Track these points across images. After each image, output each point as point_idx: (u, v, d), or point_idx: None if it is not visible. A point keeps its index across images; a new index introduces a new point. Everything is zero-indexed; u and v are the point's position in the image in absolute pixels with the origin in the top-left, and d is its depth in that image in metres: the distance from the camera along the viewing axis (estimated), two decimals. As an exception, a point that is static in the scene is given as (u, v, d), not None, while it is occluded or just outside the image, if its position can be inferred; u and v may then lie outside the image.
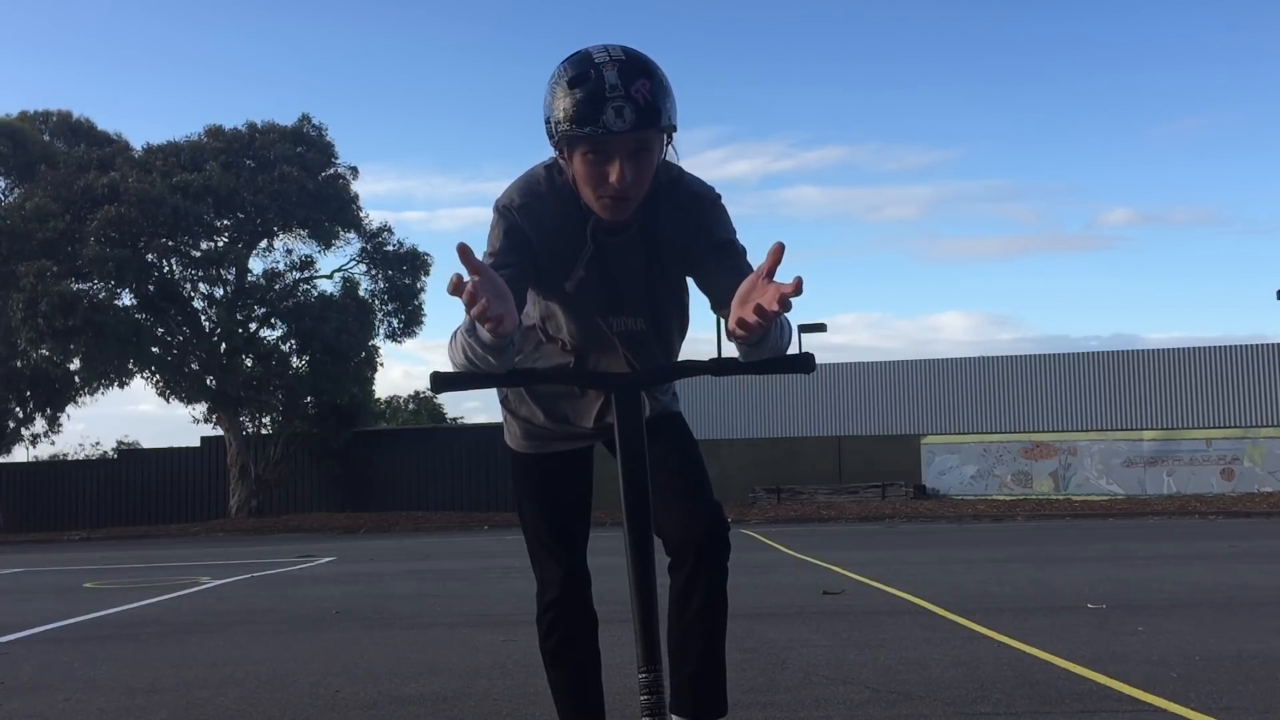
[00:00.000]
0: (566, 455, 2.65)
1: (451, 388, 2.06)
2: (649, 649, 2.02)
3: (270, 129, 30.06)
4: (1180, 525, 18.68)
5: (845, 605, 7.53)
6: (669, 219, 2.35)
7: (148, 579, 12.18)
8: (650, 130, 2.13)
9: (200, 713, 4.51)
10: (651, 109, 2.10)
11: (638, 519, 2.04)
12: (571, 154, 2.18)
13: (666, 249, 2.38)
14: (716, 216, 2.37)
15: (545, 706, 4.38)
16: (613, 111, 2.07)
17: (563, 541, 2.64)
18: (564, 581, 2.63)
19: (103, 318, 26.44)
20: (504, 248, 2.27)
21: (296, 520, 27.51)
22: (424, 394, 55.03)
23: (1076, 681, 4.58)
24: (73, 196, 27.32)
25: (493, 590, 9.50)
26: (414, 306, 31.23)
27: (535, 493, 2.67)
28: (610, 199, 2.20)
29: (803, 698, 4.40)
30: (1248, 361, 27.94)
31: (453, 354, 2.11)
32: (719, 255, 2.32)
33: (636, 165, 2.16)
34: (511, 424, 2.70)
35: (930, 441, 27.76)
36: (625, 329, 2.45)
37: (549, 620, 2.65)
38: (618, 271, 2.38)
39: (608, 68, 2.09)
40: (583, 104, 2.09)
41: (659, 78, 2.13)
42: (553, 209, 2.31)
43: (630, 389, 2.09)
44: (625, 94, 2.07)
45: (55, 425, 31.91)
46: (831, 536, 17.19)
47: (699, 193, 2.39)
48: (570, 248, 2.33)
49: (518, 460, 2.71)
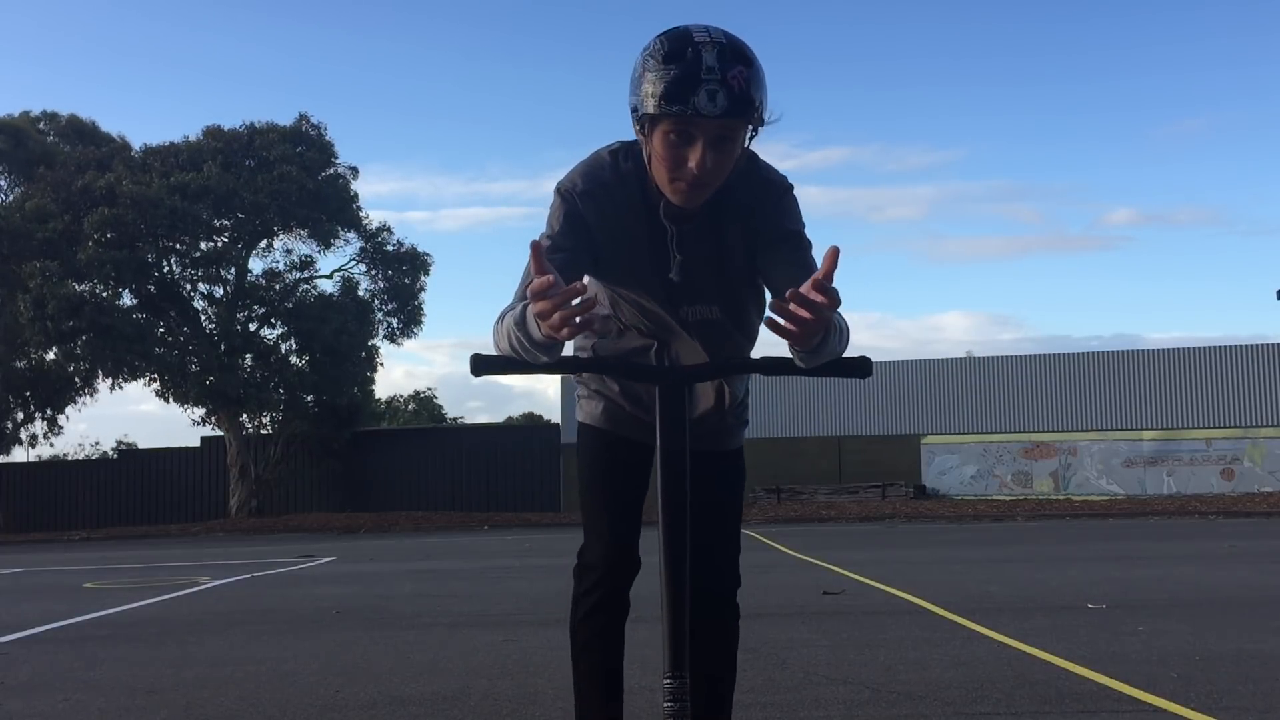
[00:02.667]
0: (636, 445, 2.57)
1: (492, 371, 1.98)
2: (677, 653, 1.93)
3: (269, 129, 30.05)
4: (1180, 525, 18.67)
5: (845, 605, 7.53)
6: (740, 205, 2.27)
7: (148, 579, 12.18)
8: (739, 120, 2.06)
9: (200, 713, 4.50)
10: (745, 98, 2.03)
11: (673, 519, 1.96)
12: (653, 132, 2.10)
13: (735, 236, 2.31)
14: (787, 206, 2.31)
15: (545, 706, 4.38)
16: (705, 94, 2.00)
17: (616, 525, 2.57)
18: (612, 564, 2.56)
19: (108, 320, 26.45)
20: (562, 230, 2.21)
21: (296, 520, 27.51)
22: (424, 394, 55.04)
23: (1076, 681, 4.58)
24: (72, 197, 27.33)
25: (493, 590, 9.50)
26: (414, 307, 31.22)
27: (600, 469, 2.60)
28: (686, 184, 2.13)
29: (803, 698, 4.40)
30: (1248, 361, 27.94)
31: (499, 339, 2.04)
32: (786, 247, 2.25)
33: (718, 153, 2.09)
34: (591, 400, 2.63)
35: (930, 441, 27.76)
36: (700, 318, 2.38)
37: (592, 603, 2.57)
38: (688, 258, 2.29)
39: (706, 49, 2.02)
40: (675, 82, 2.01)
41: (757, 68, 2.07)
42: (617, 196, 2.26)
43: (677, 384, 2.01)
44: (721, 78, 2.01)
45: (55, 427, 31.91)
46: (831, 536, 17.18)
47: (772, 180, 2.32)
48: (633, 235, 2.26)
49: (589, 434, 2.63)
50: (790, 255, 2.23)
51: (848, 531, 19.06)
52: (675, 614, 1.94)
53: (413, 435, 33.35)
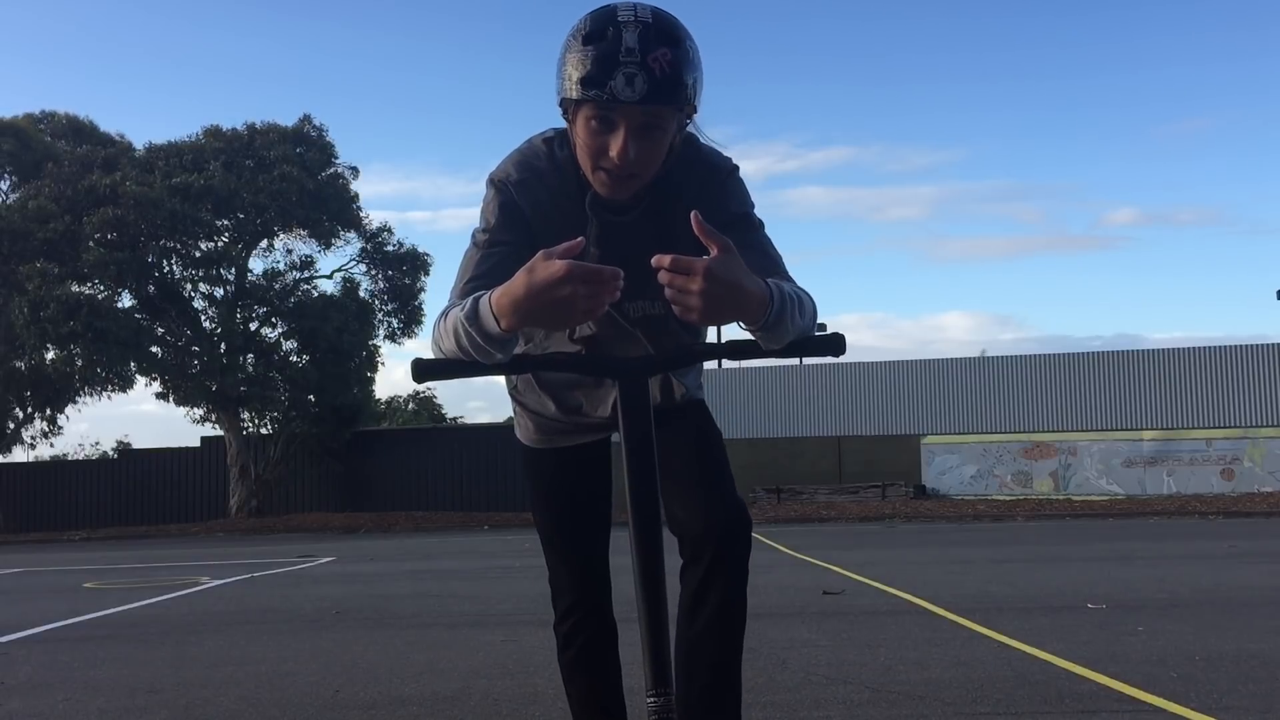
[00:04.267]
0: (581, 449, 2.46)
1: (436, 376, 1.87)
2: (659, 669, 1.78)
3: (270, 129, 30.08)
4: (1180, 525, 18.67)
5: (845, 605, 7.53)
6: (684, 192, 2.12)
7: (148, 579, 12.18)
8: (662, 106, 1.92)
9: (200, 713, 4.50)
10: (668, 82, 1.89)
11: (645, 519, 1.82)
12: (576, 117, 1.98)
13: (683, 226, 2.12)
14: (732, 189, 2.18)
15: (545, 706, 4.38)
16: (623, 78, 1.87)
17: (577, 544, 2.47)
18: (581, 587, 2.46)
19: (104, 323, 26.41)
20: (499, 224, 2.10)
21: (296, 520, 27.51)
22: (425, 393, 54.99)
23: (1076, 681, 4.58)
24: (75, 197, 27.31)
25: (493, 590, 9.50)
26: (414, 307, 31.23)
27: (548, 490, 2.50)
28: (608, 174, 2.00)
29: (803, 698, 4.40)
30: (1248, 361, 27.92)
31: (441, 340, 1.93)
32: (735, 230, 2.05)
33: (642, 142, 1.95)
34: (522, 417, 2.51)
35: (930, 441, 27.76)
36: (643, 314, 2.24)
37: (567, 629, 2.48)
38: (628, 252, 2.08)
39: (629, 28, 1.88)
40: (593, 64, 1.88)
41: (686, 49, 1.92)
42: (551, 185, 2.12)
43: (636, 375, 1.90)
44: (641, 61, 1.87)
45: (55, 427, 31.90)
46: (831, 536, 17.18)
47: (715, 164, 2.19)
48: (569, 227, 2.07)
49: (529, 455, 2.53)
50: (742, 238, 2.02)
51: (848, 531, 19.06)
52: (654, 621, 1.80)
53: (413, 435, 33.34)
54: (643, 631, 1.80)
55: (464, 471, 29.75)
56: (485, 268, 2.04)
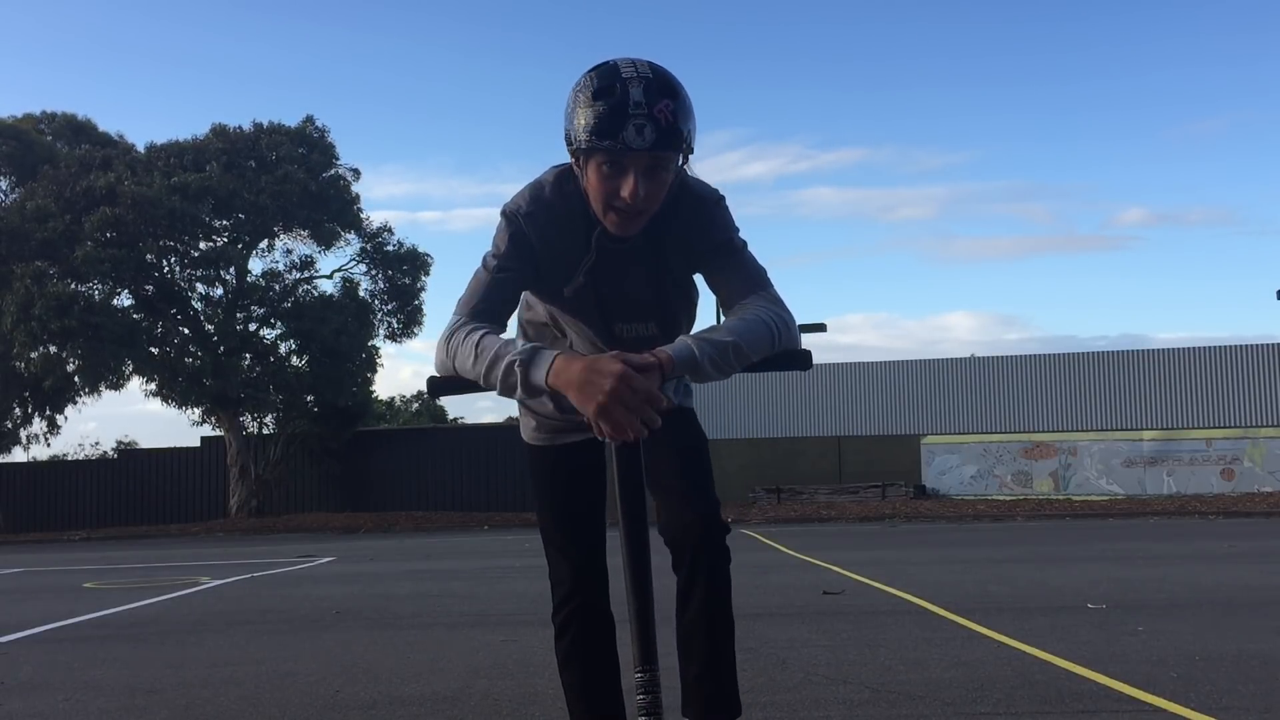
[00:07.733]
0: (580, 446, 2.64)
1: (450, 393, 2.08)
2: (645, 647, 2.02)
3: (275, 129, 30.08)
4: (1180, 525, 18.67)
5: (845, 605, 7.53)
6: (674, 223, 2.35)
7: (148, 579, 12.18)
8: (668, 151, 2.14)
9: (200, 713, 4.51)
10: (673, 130, 2.11)
11: (632, 517, 2.03)
12: (587, 164, 2.18)
13: (672, 253, 2.39)
14: (717, 218, 2.39)
15: (545, 706, 4.38)
16: (634, 129, 2.08)
17: (575, 537, 2.64)
18: (577, 578, 2.61)
19: (99, 320, 26.37)
20: (508, 252, 2.30)
21: (296, 520, 27.51)
22: (425, 393, 54.83)
23: (1076, 681, 4.58)
24: (73, 197, 27.30)
25: (493, 590, 9.50)
26: (414, 307, 31.23)
27: (548, 485, 2.69)
28: (620, 214, 2.20)
29: (803, 698, 4.40)
30: (1248, 361, 27.93)
31: (455, 359, 2.15)
32: (720, 256, 2.36)
33: (650, 182, 2.16)
34: (525, 417, 2.73)
35: (930, 441, 27.76)
36: (635, 335, 2.45)
37: (562, 619, 2.62)
38: (624, 279, 2.38)
39: (634, 84, 2.09)
40: (604, 117, 2.09)
41: (683, 99, 2.15)
42: (558, 216, 2.32)
43: None
44: (648, 113, 2.08)
45: (54, 428, 31.87)
46: (831, 536, 17.18)
47: (702, 196, 2.40)
48: (573, 255, 2.34)
49: (532, 453, 2.75)
50: (726, 263, 2.36)
51: (848, 531, 19.05)
52: (641, 607, 2.02)
53: (413, 435, 33.32)
54: (630, 615, 2.04)
55: (464, 471, 29.75)
56: (492, 292, 2.28)
